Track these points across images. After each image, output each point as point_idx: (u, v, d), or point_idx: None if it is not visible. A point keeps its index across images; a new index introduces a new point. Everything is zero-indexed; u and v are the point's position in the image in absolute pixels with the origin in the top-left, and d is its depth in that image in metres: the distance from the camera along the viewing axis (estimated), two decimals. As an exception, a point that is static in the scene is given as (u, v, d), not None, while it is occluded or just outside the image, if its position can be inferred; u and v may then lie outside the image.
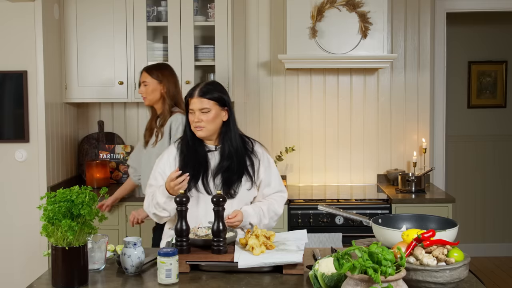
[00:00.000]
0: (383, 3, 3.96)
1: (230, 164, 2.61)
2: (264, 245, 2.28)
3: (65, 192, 2.09)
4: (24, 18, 3.73)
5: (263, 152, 2.73)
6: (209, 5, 4.12)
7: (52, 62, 3.91)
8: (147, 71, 3.43)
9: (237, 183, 2.61)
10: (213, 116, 2.58)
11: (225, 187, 2.59)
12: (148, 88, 3.39)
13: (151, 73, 3.41)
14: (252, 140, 2.75)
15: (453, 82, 5.75)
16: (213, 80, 2.73)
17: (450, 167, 5.73)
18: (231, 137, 2.64)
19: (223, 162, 2.62)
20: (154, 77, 3.39)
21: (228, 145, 2.63)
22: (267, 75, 4.37)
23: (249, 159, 2.67)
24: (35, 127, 3.77)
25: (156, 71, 3.42)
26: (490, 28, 5.76)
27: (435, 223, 2.31)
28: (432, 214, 2.52)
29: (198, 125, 2.58)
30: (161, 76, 3.40)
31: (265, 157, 2.72)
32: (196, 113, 2.57)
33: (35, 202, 3.68)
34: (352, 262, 1.72)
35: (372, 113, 4.38)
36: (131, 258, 2.19)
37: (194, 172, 2.58)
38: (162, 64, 3.58)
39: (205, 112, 2.57)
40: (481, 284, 2.07)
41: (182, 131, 3.27)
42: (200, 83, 2.65)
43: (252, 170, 2.65)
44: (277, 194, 2.71)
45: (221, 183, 2.60)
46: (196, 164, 2.60)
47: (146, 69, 3.45)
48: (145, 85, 3.40)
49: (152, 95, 3.40)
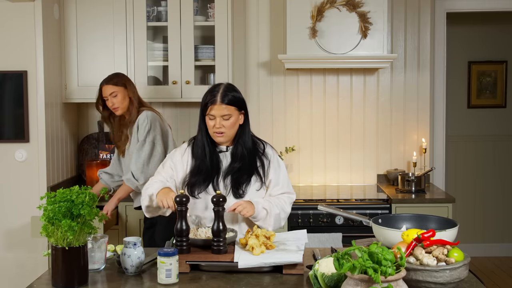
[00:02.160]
0: (383, 3, 3.96)
1: (241, 166, 2.60)
2: (264, 245, 2.28)
3: (65, 192, 2.09)
4: (24, 18, 3.73)
5: (273, 153, 2.72)
6: (209, 5, 4.11)
7: (52, 62, 3.91)
8: (108, 82, 3.50)
9: (246, 183, 2.59)
10: (234, 122, 2.57)
11: (234, 188, 2.57)
12: (118, 97, 3.47)
13: (114, 82, 3.49)
14: (264, 142, 2.74)
15: (453, 82, 5.75)
16: (230, 84, 2.65)
17: (450, 167, 5.73)
18: (245, 139, 2.63)
19: (235, 163, 2.61)
20: (120, 85, 3.48)
21: (241, 147, 2.62)
22: (267, 75, 4.38)
23: (260, 160, 2.66)
24: (35, 127, 3.77)
25: (116, 79, 3.51)
26: (490, 28, 5.76)
27: (435, 223, 2.32)
28: (432, 214, 2.52)
29: (219, 131, 2.56)
30: (123, 82, 3.51)
31: (275, 158, 2.71)
32: (218, 119, 2.54)
33: (35, 202, 3.68)
34: (352, 262, 1.72)
35: (372, 113, 4.38)
36: (131, 258, 2.19)
37: (206, 176, 2.57)
38: (115, 73, 3.61)
39: (226, 118, 2.55)
40: (481, 284, 2.07)
41: (150, 125, 3.39)
42: (216, 87, 2.59)
43: (262, 171, 2.64)
44: (285, 195, 2.68)
45: (230, 184, 2.59)
46: (209, 169, 2.59)
47: (106, 81, 3.51)
48: (114, 96, 3.47)
49: (124, 102, 3.50)
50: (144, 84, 4.07)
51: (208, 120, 2.57)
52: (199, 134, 2.63)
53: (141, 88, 4.07)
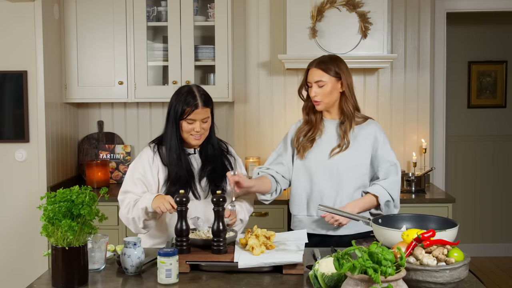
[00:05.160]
0: (383, 3, 3.96)
1: (214, 166, 2.65)
2: (264, 245, 2.28)
3: (65, 192, 2.09)
4: (24, 18, 3.73)
5: (234, 152, 2.82)
6: (209, 5, 4.11)
7: (52, 62, 3.91)
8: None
9: (223, 181, 2.65)
10: (210, 123, 2.63)
11: (214, 187, 2.62)
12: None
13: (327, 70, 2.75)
14: (225, 142, 2.80)
15: (453, 82, 5.75)
16: (197, 85, 2.67)
17: (450, 167, 5.73)
18: (214, 140, 2.69)
19: (207, 165, 2.64)
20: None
21: (211, 148, 2.67)
22: (267, 75, 4.37)
23: (226, 159, 2.72)
24: (35, 127, 3.77)
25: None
26: (490, 28, 5.76)
27: (435, 223, 2.31)
28: (432, 214, 2.52)
29: (199, 134, 2.59)
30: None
31: (237, 156, 2.82)
32: (198, 123, 2.56)
33: (35, 202, 3.68)
34: (352, 262, 1.72)
35: (372, 113, 4.37)
36: (131, 258, 2.19)
37: (185, 183, 2.58)
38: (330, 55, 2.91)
39: (205, 121, 2.59)
40: (481, 284, 2.07)
41: None
42: (190, 91, 2.58)
43: (231, 168, 2.71)
44: (247, 197, 2.79)
45: (207, 185, 2.63)
46: (186, 175, 2.59)
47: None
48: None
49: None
50: (144, 84, 4.07)
51: (186, 125, 2.57)
52: (172, 139, 2.60)
53: (141, 88, 4.08)
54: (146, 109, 4.45)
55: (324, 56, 2.80)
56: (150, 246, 2.66)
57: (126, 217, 2.58)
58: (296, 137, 2.79)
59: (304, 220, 2.78)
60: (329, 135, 2.75)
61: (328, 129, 2.76)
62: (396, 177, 2.71)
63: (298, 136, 2.79)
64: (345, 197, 2.70)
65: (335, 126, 2.76)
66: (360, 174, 2.72)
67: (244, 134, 4.38)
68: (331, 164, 2.70)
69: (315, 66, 2.73)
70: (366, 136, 2.74)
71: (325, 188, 2.71)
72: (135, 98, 4.10)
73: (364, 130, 2.74)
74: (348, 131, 2.71)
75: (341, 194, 2.70)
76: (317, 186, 2.72)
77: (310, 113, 2.79)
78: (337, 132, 2.74)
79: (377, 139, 2.75)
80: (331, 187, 2.71)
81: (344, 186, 2.70)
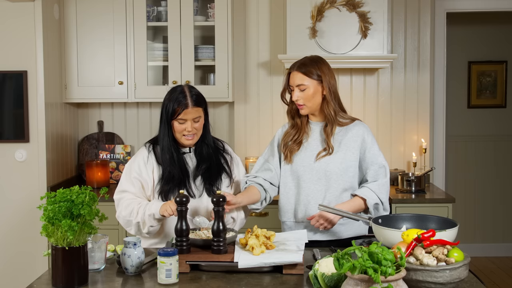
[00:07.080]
0: (383, 3, 3.96)
1: (209, 165, 2.65)
2: (264, 245, 2.28)
3: (65, 192, 2.09)
4: (24, 18, 3.73)
5: (231, 149, 2.81)
6: (209, 5, 4.11)
7: (52, 62, 3.91)
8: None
9: (218, 180, 2.65)
10: (202, 123, 2.62)
11: (208, 186, 2.62)
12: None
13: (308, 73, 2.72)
14: (221, 140, 2.80)
15: (453, 82, 5.75)
16: (189, 85, 2.67)
17: (450, 167, 5.73)
18: (209, 139, 2.69)
19: (202, 163, 2.64)
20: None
21: (206, 147, 2.67)
22: (267, 75, 4.37)
23: (223, 157, 2.72)
24: (35, 127, 3.77)
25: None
26: (490, 28, 5.76)
27: (435, 223, 2.31)
28: (432, 214, 2.52)
29: (191, 134, 2.59)
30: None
31: (234, 154, 2.80)
32: (189, 123, 2.56)
33: (35, 202, 3.68)
34: (352, 262, 1.72)
35: (372, 113, 4.38)
36: (131, 258, 2.19)
37: (179, 182, 2.59)
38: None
39: (197, 120, 2.59)
40: (481, 284, 2.07)
41: None
42: (181, 91, 2.58)
43: (227, 167, 2.71)
44: None
45: (202, 184, 2.63)
46: (180, 174, 2.60)
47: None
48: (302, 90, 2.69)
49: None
50: (144, 84, 4.07)
51: (178, 125, 2.57)
52: (164, 139, 2.61)
53: (141, 88, 4.08)
54: (146, 109, 4.45)
55: (305, 58, 2.74)
56: (147, 246, 2.66)
57: (127, 219, 2.58)
58: (283, 142, 2.75)
59: (293, 226, 2.74)
60: (315, 138, 2.71)
61: (314, 132, 2.72)
62: (385, 180, 2.65)
63: (285, 141, 2.74)
64: (333, 199, 2.65)
65: (320, 128, 2.72)
66: (347, 177, 2.67)
67: (244, 134, 4.38)
68: (318, 167, 2.66)
69: (296, 69, 2.67)
70: (354, 138, 2.68)
71: (312, 191, 2.67)
72: (135, 98, 4.10)
73: (351, 132, 2.69)
74: (330, 136, 2.66)
75: (328, 196, 2.66)
76: (304, 190, 2.68)
77: (295, 117, 2.74)
78: (322, 135, 2.71)
79: (365, 141, 2.69)
80: (318, 189, 2.67)
81: (331, 188, 2.66)
